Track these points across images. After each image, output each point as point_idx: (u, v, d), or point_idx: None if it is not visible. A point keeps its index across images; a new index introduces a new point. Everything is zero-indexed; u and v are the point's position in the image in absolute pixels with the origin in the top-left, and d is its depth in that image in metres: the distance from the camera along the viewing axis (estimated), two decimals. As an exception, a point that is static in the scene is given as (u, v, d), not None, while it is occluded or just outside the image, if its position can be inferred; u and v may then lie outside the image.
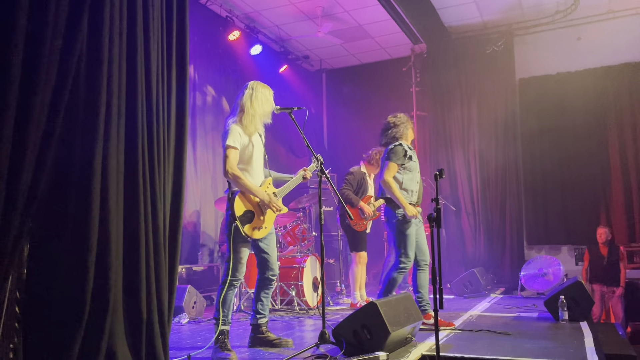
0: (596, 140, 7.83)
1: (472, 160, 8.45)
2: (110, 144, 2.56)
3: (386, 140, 4.53)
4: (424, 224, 4.27)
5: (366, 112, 9.08)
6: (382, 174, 4.37)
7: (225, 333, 3.49)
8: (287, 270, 5.65)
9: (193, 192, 6.90)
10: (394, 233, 4.35)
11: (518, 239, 8.10)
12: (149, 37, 2.86)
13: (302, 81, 9.40)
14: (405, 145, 4.44)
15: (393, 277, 4.32)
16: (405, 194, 4.36)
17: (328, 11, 7.62)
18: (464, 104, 8.57)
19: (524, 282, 6.71)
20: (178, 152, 3.10)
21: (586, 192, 7.81)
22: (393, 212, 4.34)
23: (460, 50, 8.60)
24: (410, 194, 4.39)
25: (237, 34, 7.41)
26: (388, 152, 4.42)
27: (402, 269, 4.31)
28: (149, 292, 2.75)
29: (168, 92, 3.04)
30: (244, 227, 3.48)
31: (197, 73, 7.14)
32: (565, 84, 8.03)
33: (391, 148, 4.41)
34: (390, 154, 4.38)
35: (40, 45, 2.20)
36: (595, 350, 3.31)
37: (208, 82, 7.42)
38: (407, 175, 4.40)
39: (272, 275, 3.73)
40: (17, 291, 2.32)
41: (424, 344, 3.56)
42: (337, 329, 3.36)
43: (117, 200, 2.62)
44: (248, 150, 3.60)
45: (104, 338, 2.45)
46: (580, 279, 4.82)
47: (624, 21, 7.81)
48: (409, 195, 4.37)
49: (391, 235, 4.41)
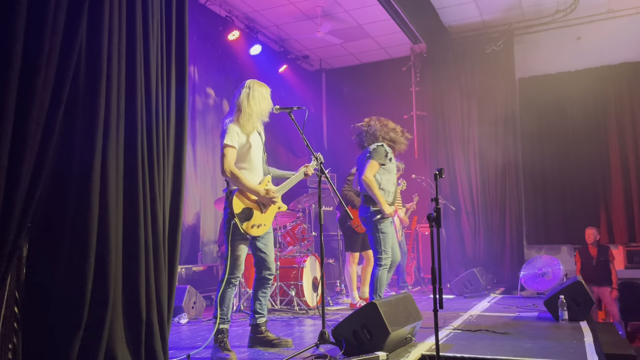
0: (596, 140, 7.83)
1: (471, 159, 8.44)
2: (110, 145, 2.56)
3: (368, 141, 4.67)
4: (424, 224, 4.31)
5: (366, 112, 8.96)
6: (363, 171, 4.50)
7: (225, 332, 3.49)
8: (287, 270, 5.65)
9: (193, 193, 6.89)
10: (373, 232, 4.49)
11: (518, 239, 8.09)
12: (148, 37, 2.86)
13: (302, 81, 9.40)
14: (386, 146, 4.60)
15: (378, 276, 4.45)
16: (383, 193, 4.49)
17: (328, 11, 7.61)
18: (464, 104, 8.57)
19: (523, 282, 6.71)
20: (177, 152, 3.10)
21: (586, 192, 7.81)
22: (371, 210, 4.47)
23: (460, 49, 8.59)
24: (387, 194, 4.53)
25: (236, 34, 7.41)
26: (371, 151, 4.56)
27: (384, 265, 4.46)
28: (148, 293, 2.75)
29: (167, 92, 3.04)
30: (242, 225, 3.48)
31: (196, 73, 7.14)
32: (565, 83, 8.02)
33: (374, 147, 4.57)
34: (373, 153, 4.54)
35: (39, 45, 2.20)
36: (595, 350, 3.31)
37: (208, 82, 7.42)
38: (385, 175, 4.55)
39: (269, 274, 3.73)
40: (16, 291, 2.31)
41: (423, 344, 3.56)
42: (336, 329, 3.36)
43: (117, 201, 2.61)
44: (246, 149, 3.60)
45: (103, 338, 2.45)
46: (579, 278, 4.82)
47: (624, 21, 7.81)
48: (385, 195, 4.52)
49: (370, 233, 4.53)
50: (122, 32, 2.70)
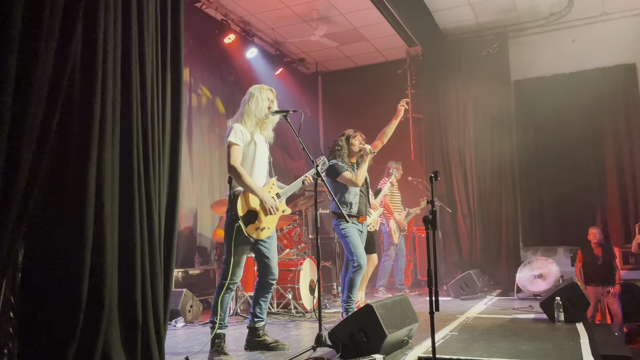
0: (591, 142, 7.87)
1: (467, 161, 8.47)
2: (105, 149, 2.56)
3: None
4: (421, 226, 4.33)
5: (362, 114, 9.08)
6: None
7: (222, 337, 3.48)
8: (284, 273, 5.65)
9: (189, 195, 6.89)
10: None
11: (514, 241, 8.11)
12: (143, 41, 2.86)
13: (298, 84, 9.42)
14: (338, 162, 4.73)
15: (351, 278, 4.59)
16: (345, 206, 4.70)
17: (323, 14, 7.63)
18: (459, 106, 8.59)
19: (520, 284, 6.72)
20: (173, 155, 3.10)
21: (581, 193, 7.84)
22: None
23: (455, 52, 8.62)
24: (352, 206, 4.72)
25: (232, 37, 7.42)
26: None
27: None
28: (144, 296, 2.74)
29: (163, 96, 3.04)
30: (247, 228, 3.47)
31: (192, 76, 7.14)
32: (560, 85, 8.06)
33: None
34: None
35: (34, 50, 2.20)
36: (591, 351, 3.32)
37: (204, 85, 7.42)
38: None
39: (272, 279, 3.72)
40: (12, 296, 2.31)
41: (420, 346, 3.56)
42: (333, 332, 3.36)
43: (112, 204, 2.61)
44: (251, 148, 3.60)
45: (98, 342, 2.44)
46: (575, 280, 4.83)
47: (618, 23, 7.85)
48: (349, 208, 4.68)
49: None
50: (117, 35, 2.70)
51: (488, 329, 4.27)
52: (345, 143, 4.71)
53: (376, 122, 8.21)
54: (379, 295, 6.86)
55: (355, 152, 4.68)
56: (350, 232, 4.55)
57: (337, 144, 4.74)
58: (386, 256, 7.15)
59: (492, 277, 7.92)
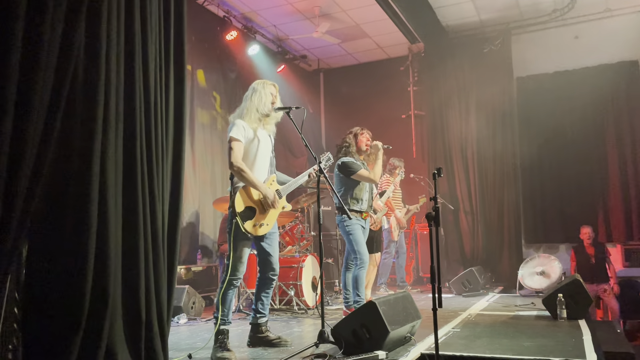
0: (594, 139, 7.85)
1: (469, 158, 8.46)
2: (109, 145, 2.56)
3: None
4: (423, 223, 4.34)
5: (364, 111, 9.07)
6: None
7: (225, 333, 3.48)
8: (286, 270, 5.65)
9: (192, 193, 6.89)
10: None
11: (516, 238, 8.11)
12: (146, 37, 2.86)
13: (300, 81, 9.41)
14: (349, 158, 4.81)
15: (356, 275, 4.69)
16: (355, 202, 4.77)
17: (325, 11, 7.62)
18: (462, 103, 8.58)
19: (522, 281, 6.72)
20: (176, 152, 3.10)
21: (584, 190, 7.82)
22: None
23: (458, 49, 8.60)
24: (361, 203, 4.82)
25: (234, 34, 7.41)
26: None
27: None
28: (148, 293, 2.75)
29: (166, 93, 3.04)
30: (244, 224, 3.46)
31: (194, 73, 7.14)
32: (562, 82, 8.04)
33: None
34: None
35: (38, 45, 2.20)
36: (594, 348, 3.32)
37: (206, 82, 7.41)
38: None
39: (273, 275, 3.72)
40: (16, 292, 2.32)
41: (423, 343, 3.56)
42: (336, 328, 3.37)
43: (116, 201, 2.62)
44: (253, 144, 3.59)
45: (103, 339, 2.45)
46: (577, 276, 4.82)
47: (621, 19, 7.82)
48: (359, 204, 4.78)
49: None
50: (120, 32, 2.70)
51: (490, 326, 4.27)
52: (353, 140, 4.77)
53: (378, 119, 8.28)
54: (380, 292, 6.87)
55: (362, 150, 4.74)
56: (355, 229, 4.61)
57: (345, 141, 4.79)
58: (386, 253, 7.14)
59: (494, 274, 7.93)
